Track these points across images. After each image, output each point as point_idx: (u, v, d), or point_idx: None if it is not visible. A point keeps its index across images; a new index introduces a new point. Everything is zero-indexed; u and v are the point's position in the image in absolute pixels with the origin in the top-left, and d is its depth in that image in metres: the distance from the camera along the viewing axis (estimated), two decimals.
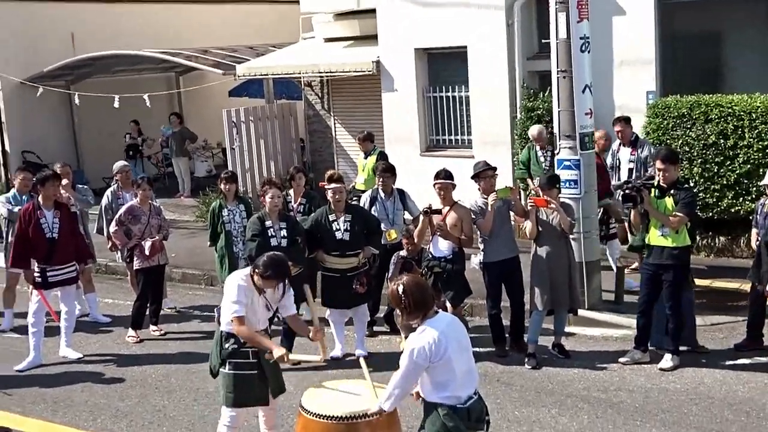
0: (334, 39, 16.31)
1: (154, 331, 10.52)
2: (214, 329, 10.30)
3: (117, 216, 10.48)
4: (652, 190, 8.39)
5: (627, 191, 8.38)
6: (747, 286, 9.96)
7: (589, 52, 9.80)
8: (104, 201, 11.36)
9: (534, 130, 12.14)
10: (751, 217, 11.34)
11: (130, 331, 10.38)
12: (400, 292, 5.27)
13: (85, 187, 11.75)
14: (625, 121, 11.25)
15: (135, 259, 10.40)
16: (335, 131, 16.98)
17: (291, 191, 10.44)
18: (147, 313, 10.52)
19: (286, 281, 6.56)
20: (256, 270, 6.40)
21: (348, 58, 15.40)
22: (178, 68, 21.29)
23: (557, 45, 9.83)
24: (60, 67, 19.33)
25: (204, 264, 13.15)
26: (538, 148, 12.06)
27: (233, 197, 10.62)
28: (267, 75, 16.65)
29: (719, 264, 11.53)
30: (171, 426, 7.86)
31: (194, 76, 21.66)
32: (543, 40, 13.25)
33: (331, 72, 15.46)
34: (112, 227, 10.46)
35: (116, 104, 17.62)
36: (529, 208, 8.88)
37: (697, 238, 8.91)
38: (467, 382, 5.31)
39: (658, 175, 8.42)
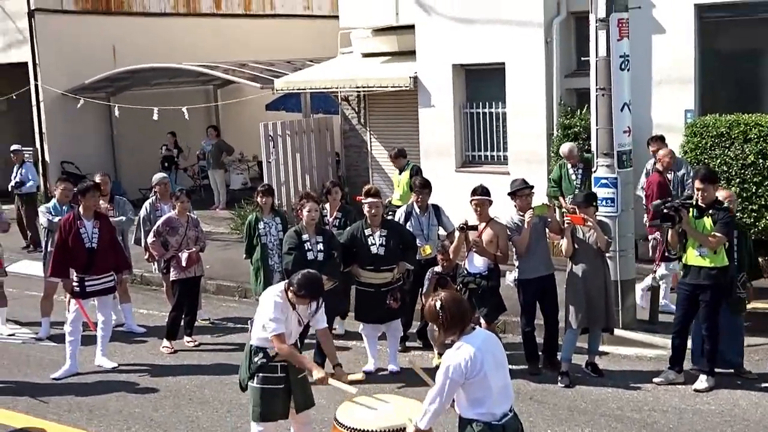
0: (372, 54, 16.39)
1: (188, 342, 10.60)
2: (245, 341, 10.52)
3: (155, 227, 10.59)
4: (691, 209, 8.34)
5: (666, 211, 8.34)
6: None
7: (628, 70, 9.78)
8: (142, 212, 11.50)
9: (565, 147, 12.11)
10: None
11: (165, 342, 10.47)
12: (438, 308, 5.26)
13: (124, 198, 11.88)
14: (661, 140, 11.21)
15: (171, 270, 10.50)
16: (371, 146, 17.04)
17: (327, 205, 10.50)
18: (182, 324, 10.61)
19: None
20: (291, 288, 6.44)
21: (386, 73, 15.47)
22: (216, 81, 21.53)
23: (597, 63, 9.81)
24: (101, 80, 19.62)
25: (238, 276, 13.24)
26: (569, 165, 12.03)
27: (269, 210, 10.68)
28: (305, 89, 16.76)
29: (756, 285, 11.34)
30: None
31: (232, 90, 21.88)
32: (581, 58, 13.21)
33: (368, 87, 15.53)
34: (150, 238, 10.56)
35: (155, 116, 17.85)
36: (565, 225, 8.84)
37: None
38: (503, 399, 5.28)
39: (697, 195, 8.37)
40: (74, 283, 9.56)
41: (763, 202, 11.45)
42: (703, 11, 12.50)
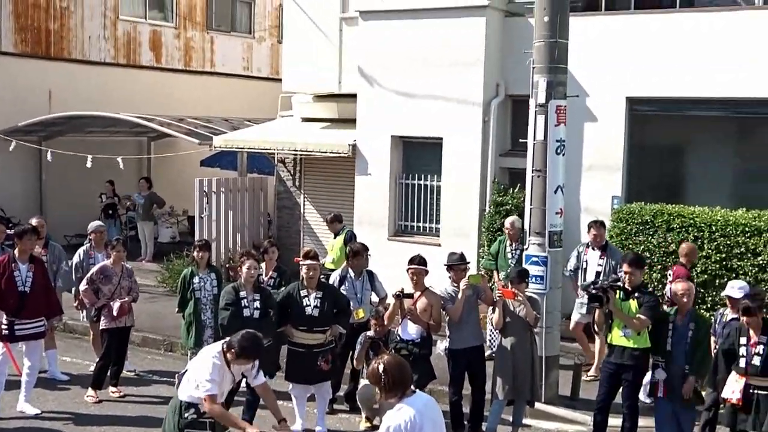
0: (312, 119, 16.67)
1: (113, 392, 10.50)
2: (173, 394, 10.45)
3: (89, 275, 10.55)
4: (618, 292, 8.71)
5: (594, 291, 8.70)
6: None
7: (563, 154, 10.22)
8: (75, 259, 11.42)
9: (509, 220, 12.28)
10: None
11: (90, 391, 10.36)
12: (381, 370, 5.43)
13: (57, 245, 11.78)
14: (602, 225, 11.48)
15: (102, 318, 10.45)
16: (304, 209, 17.23)
17: (263, 264, 10.61)
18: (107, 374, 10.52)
19: None
20: (232, 349, 6.52)
21: (325, 138, 15.75)
22: (150, 134, 21.52)
23: (534, 146, 10.24)
24: (35, 123, 19.46)
25: (164, 329, 13.19)
26: (508, 242, 12.18)
27: (205, 265, 10.75)
28: (243, 149, 16.94)
29: None
30: None
31: (165, 143, 21.88)
32: (518, 139, 13.72)
33: (307, 151, 15.78)
34: (83, 285, 10.52)
35: (89, 164, 17.77)
36: (496, 298, 9.14)
37: None
38: None
39: (624, 278, 8.76)
40: (3, 326, 9.45)
41: None
42: (633, 104, 13.15)
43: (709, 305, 11.78)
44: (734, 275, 11.38)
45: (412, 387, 5.55)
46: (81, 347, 12.57)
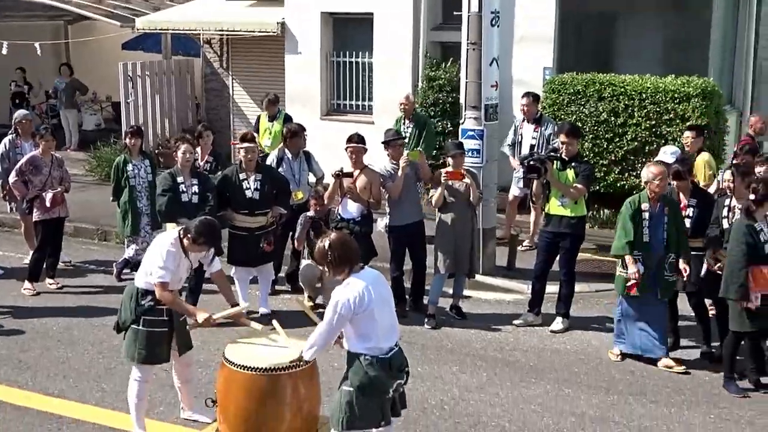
0: None
1: (50, 284, 10.38)
2: (112, 283, 10.42)
3: (18, 166, 10.26)
4: (555, 162, 8.82)
5: (532, 162, 8.78)
6: None
7: (498, 26, 10.14)
8: (0, 149, 11.07)
9: (404, 95, 12.06)
10: (634, 192, 12.01)
11: (26, 284, 10.22)
12: (327, 248, 5.47)
13: None
14: (534, 98, 11.39)
15: (35, 210, 10.23)
16: (233, 91, 16.90)
17: (198, 149, 10.43)
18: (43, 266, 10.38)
19: None
20: (188, 235, 6.45)
21: (252, 17, 15.35)
22: (67, 17, 20.63)
23: (468, 18, 10.12)
24: None
25: (97, 218, 13.00)
26: (403, 119, 11.94)
27: (138, 152, 10.53)
28: (167, 30, 16.41)
29: (603, 235, 12.09)
30: (77, 378, 7.85)
31: (83, 26, 21.05)
32: (449, 12, 13.53)
33: (235, 31, 15.38)
34: (12, 177, 10.23)
35: (4, 50, 17.04)
36: (442, 179, 9.09)
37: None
38: (389, 335, 5.56)
39: (561, 148, 8.85)
40: None
41: (612, 158, 12.18)
42: None
43: (638, 172, 12.00)
44: (664, 141, 11.62)
45: (360, 264, 5.60)
46: (11, 240, 12.34)
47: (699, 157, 9.62)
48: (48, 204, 10.12)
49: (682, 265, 7.98)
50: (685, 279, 8.09)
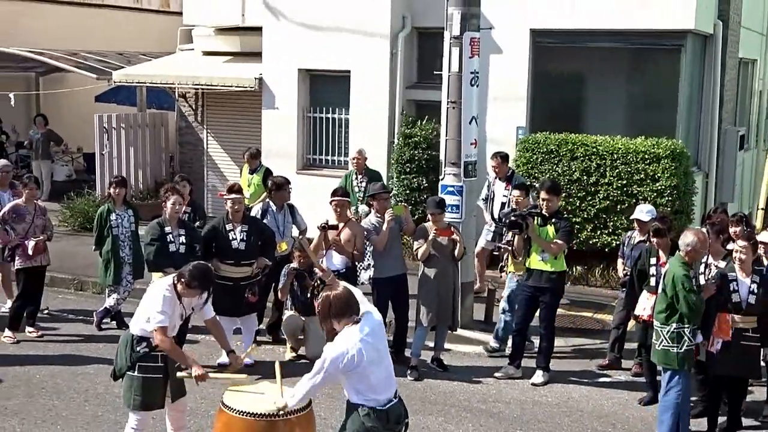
0: (214, 53, 16.43)
1: (30, 332, 10.35)
2: (92, 333, 10.42)
3: (0, 214, 10.29)
4: (536, 218, 9.08)
5: (514, 218, 9.04)
6: (603, 315, 10.92)
7: (477, 86, 10.47)
8: None
9: (356, 150, 12.25)
10: (606, 250, 12.38)
11: (7, 332, 10.19)
12: (330, 299, 5.57)
13: None
14: (503, 158, 11.54)
15: (17, 258, 10.26)
16: (207, 144, 17.04)
17: None
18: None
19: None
20: (182, 279, 6.55)
21: (229, 72, 15.58)
22: (38, 68, 20.72)
23: (449, 77, 10.43)
24: None
25: (73, 268, 13.01)
26: (355, 174, 12.14)
27: (122, 202, 10.63)
28: (144, 83, 16.58)
29: (577, 291, 12.38)
30: (65, 425, 7.85)
31: (54, 78, 21.15)
32: (424, 72, 13.95)
33: (212, 85, 15.58)
34: None
35: None
36: (431, 235, 9.26)
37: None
38: (386, 387, 5.58)
39: (542, 205, 9.13)
40: None
41: (585, 216, 12.49)
42: (537, 36, 13.49)
43: (610, 230, 12.37)
44: (635, 200, 11.97)
45: (356, 318, 5.61)
46: None
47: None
48: (30, 252, 10.17)
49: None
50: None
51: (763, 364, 8.21)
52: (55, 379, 8.97)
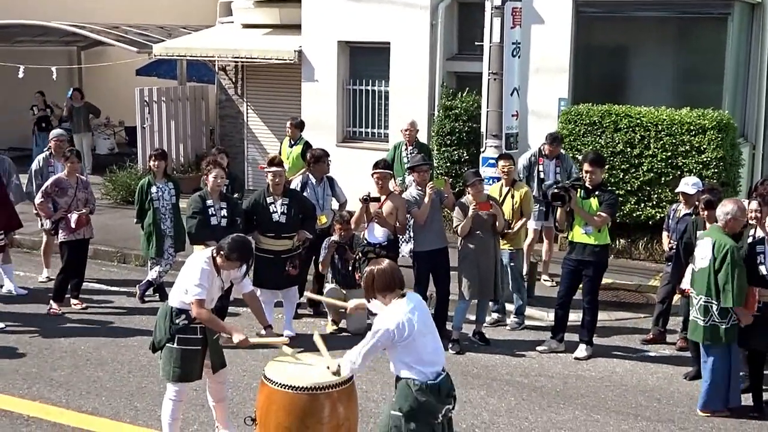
0: (253, 25, 16.40)
1: (75, 304, 10.47)
2: (135, 305, 10.52)
3: (44, 188, 10.39)
4: (579, 190, 8.96)
5: (556, 191, 8.92)
6: (653, 282, 10.75)
7: (519, 57, 10.34)
8: (35, 165, 11.22)
9: (408, 121, 12.12)
10: (650, 223, 12.22)
11: (52, 304, 10.30)
12: (374, 273, 5.56)
13: (6, 158, 11.50)
14: (557, 140, 11.09)
15: (60, 231, 10.35)
16: (247, 117, 17.08)
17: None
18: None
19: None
20: (221, 251, 6.54)
21: (269, 45, 15.55)
22: (80, 43, 20.88)
23: (490, 48, 10.34)
24: None
25: (115, 241, 13.13)
26: (404, 147, 12.04)
27: (162, 175, 10.67)
28: (184, 56, 16.61)
29: (619, 264, 12.24)
30: (109, 396, 7.92)
31: (96, 52, 21.28)
32: (464, 43, 13.78)
33: (251, 58, 15.56)
34: (38, 199, 10.36)
35: (21, 74, 17.24)
36: (471, 210, 9.19)
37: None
38: (435, 360, 5.59)
39: (585, 177, 9.00)
40: None
41: (628, 188, 12.32)
42: (580, 6, 13.24)
43: (654, 202, 12.19)
44: (680, 173, 11.77)
45: (402, 291, 5.64)
46: (32, 261, 12.42)
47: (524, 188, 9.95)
48: (73, 225, 10.25)
49: None
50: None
51: None
52: (99, 351, 9.06)
